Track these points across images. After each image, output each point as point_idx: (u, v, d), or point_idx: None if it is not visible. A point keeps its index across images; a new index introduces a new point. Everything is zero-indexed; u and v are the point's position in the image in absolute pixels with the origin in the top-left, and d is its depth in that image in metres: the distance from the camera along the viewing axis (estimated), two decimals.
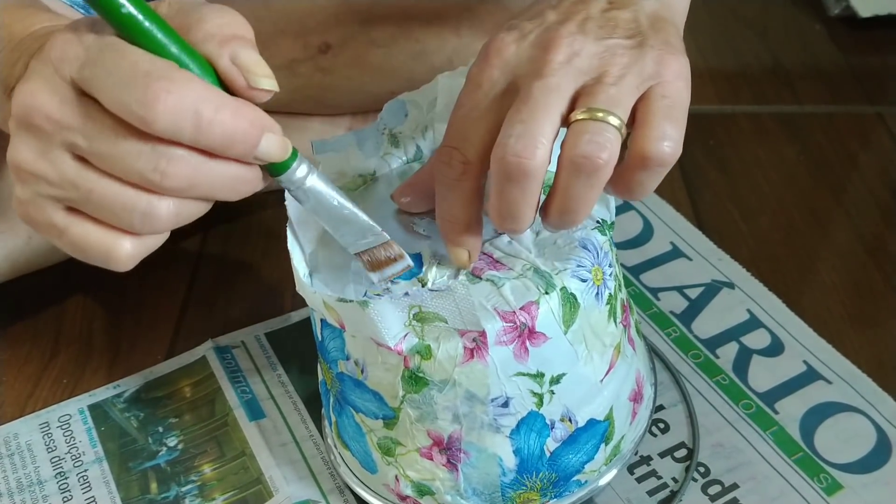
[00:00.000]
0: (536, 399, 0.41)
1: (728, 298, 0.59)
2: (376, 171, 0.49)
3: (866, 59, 0.87)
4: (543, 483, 0.44)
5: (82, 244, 0.35)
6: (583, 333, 0.41)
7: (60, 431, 0.53)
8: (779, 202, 0.69)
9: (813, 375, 0.54)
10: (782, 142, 0.76)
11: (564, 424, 0.43)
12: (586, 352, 0.42)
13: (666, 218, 0.66)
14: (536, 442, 0.42)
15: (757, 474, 0.49)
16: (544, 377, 0.41)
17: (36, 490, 0.50)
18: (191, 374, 0.56)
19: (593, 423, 0.44)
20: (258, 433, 0.52)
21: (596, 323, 0.42)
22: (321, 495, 0.49)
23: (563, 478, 0.44)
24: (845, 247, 0.66)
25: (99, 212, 0.34)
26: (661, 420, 0.52)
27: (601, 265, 0.42)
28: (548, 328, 0.40)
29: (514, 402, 0.41)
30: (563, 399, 0.42)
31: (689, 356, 0.56)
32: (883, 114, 0.79)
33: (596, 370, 0.43)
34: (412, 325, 0.40)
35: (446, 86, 0.48)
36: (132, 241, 0.35)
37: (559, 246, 0.42)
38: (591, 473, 0.45)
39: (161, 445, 0.52)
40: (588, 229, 0.43)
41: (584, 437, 0.44)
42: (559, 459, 0.43)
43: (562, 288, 0.40)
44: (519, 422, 0.42)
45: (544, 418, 0.42)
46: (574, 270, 0.41)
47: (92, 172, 0.34)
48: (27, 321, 0.60)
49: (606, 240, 0.43)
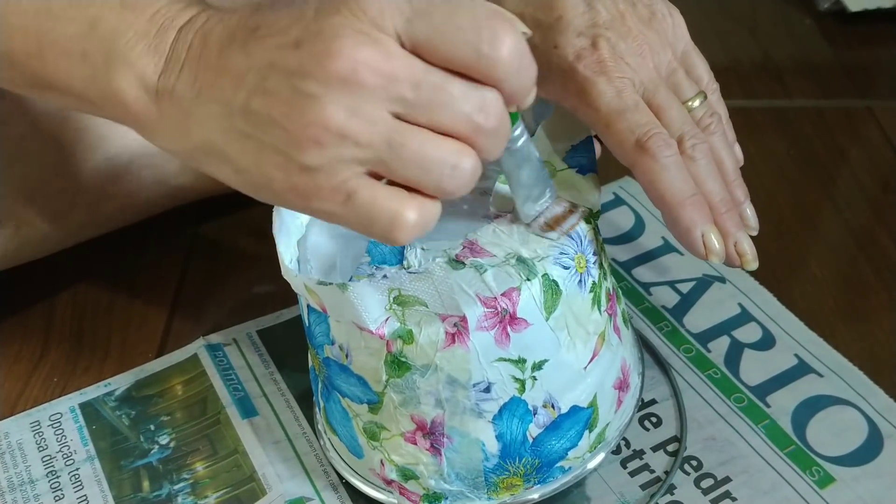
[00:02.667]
0: (518, 385, 0.42)
1: (719, 293, 0.60)
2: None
3: (856, 53, 0.87)
4: (526, 469, 0.44)
5: (368, 209, 0.34)
6: (565, 320, 0.42)
7: (52, 430, 0.53)
8: (769, 197, 0.69)
9: (804, 369, 0.55)
10: (772, 136, 0.76)
11: (547, 410, 0.43)
12: (569, 339, 0.42)
13: (657, 213, 0.66)
14: (519, 427, 0.43)
15: (749, 467, 0.49)
16: (526, 363, 0.41)
17: (27, 489, 0.49)
18: (182, 372, 0.55)
19: (576, 410, 0.44)
20: (251, 431, 0.52)
21: (579, 310, 0.42)
22: (314, 492, 0.49)
23: (547, 464, 0.44)
24: (836, 241, 0.66)
25: (407, 169, 0.34)
26: (653, 414, 0.52)
27: (584, 253, 0.42)
28: (529, 314, 0.40)
29: (496, 387, 0.41)
30: (545, 385, 0.42)
31: (681, 350, 0.56)
32: (873, 108, 0.79)
33: (579, 357, 0.43)
34: (393, 309, 0.41)
35: None
36: (417, 210, 0.35)
37: (542, 230, 0.42)
38: (576, 460, 0.45)
39: (153, 444, 0.52)
40: (576, 218, 0.43)
41: (568, 424, 0.44)
42: (542, 445, 0.44)
43: (544, 275, 0.41)
44: (501, 407, 0.42)
45: (527, 404, 0.42)
46: (556, 258, 0.41)
47: (408, 127, 0.34)
48: (17, 319, 0.60)
49: (591, 228, 0.43)
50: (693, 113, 0.45)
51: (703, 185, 0.44)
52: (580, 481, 0.49)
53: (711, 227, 0.43)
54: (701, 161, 0.44)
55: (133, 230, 0.62)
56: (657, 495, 0.48)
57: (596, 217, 0.44)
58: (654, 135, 0.42)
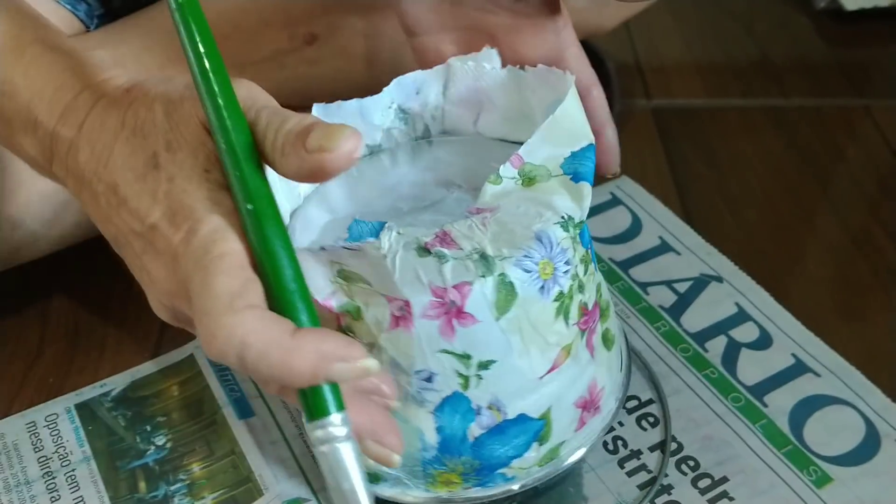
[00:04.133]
0: (462, 380, 0.41)
1: (716, 292, 0.60)
2: (382, 143, 0.49)
3: (853, 52, 0.87)
4: (466, 468, 0.44)
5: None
6: (519, 324, 0.41)
7: (47, 431, 0.52)
8: (766, 196, 0.69)
9: (801, 368, 0.54)
10: (770, 135, 0.76)
11: (492, 413, 0.42)
12: (522, 344, 0.41)
13: (654, 213, 0.66)
14: (460, 424, 0.42)
15: (746, 467, 0.49)
16: (471, 360, 0.41)
17: (23, 490, 0.49)
18: (178, 373, 0.55)
19: (525, 419, 0.43)
20: (247, 431, 0.51)
21: (537, 317, 0.41)
22: (311, 493, 0.49)
23: (487, 467, 0.44)
24: (833, 240, 0.66)
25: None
26: (650, 414, 0.52)
27: (553, 260, 0.41)
28: (478, 311, 0.40)
29: (439, 378, 0.41)
30: (491, 387, 0.42)
31: (678, 350, 0.56)
32: (870, 106, 0.79)
33: (533, 365, 0.42)
34: (338, 282, 0.41)
35: (458, 69, 0.48)
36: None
37: (515, 234, 0.41)
38: (520, 471, 0.44)
39: (149, 444, 0.52)
40: (550, 223, 0.42)
41: (514, 431, 0.43)
42: (483, 447, 0.43)
43: (500, 274, 0.40)
44: (443, 399, 0.42)
45: (470, 402, 0.42)
46: (519, 260, 0.40)
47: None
48: (11, 320, 0.59)
49: (568, 237, 0.42)
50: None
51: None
52: (577, 481, 0.49)
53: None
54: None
55: None
56: (650, 494, 0.48)
57: (577, 227, 0.43)
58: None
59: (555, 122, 0.42)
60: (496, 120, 0.50)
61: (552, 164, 0.43)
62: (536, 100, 0.48)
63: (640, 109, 0.79)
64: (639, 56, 0.87)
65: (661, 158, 0.73)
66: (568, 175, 0.43)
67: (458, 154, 0.50)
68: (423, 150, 0.50)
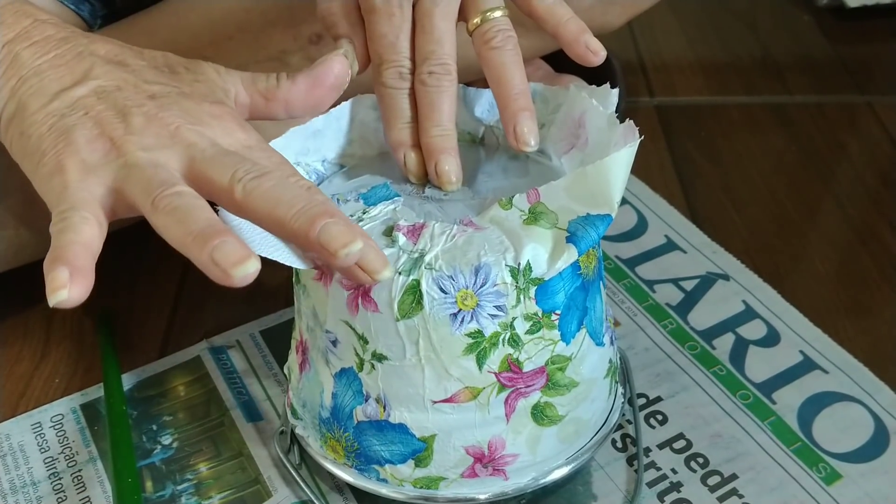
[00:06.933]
0: (358, 360, 0.42)
1: (723, 290, 0.60)
2: (484, 136, 0.50)
3: (855, 48, 0.87)
4: (347, 445, 0.45)
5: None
6: (418, 336, 0.40)
7: (53, 431, 0.52)
8: (771, 193, 0.69)
9: (809, 365, 0.54)
10: (773, 132, 0.76)
11: (378, 406, 0.43)
12: (417, 357, 0.41)
13: (660, 211, 0.66)
14: (350, 402, 0.43)
15: (756, 465, 0.49)
16: (368, 345, 0.42)
17: (30, 491, 0.49)
18: (185, 373, 0.55)
19: (405, 432, 0.43)
20: (256, 434, 0.51)
21: (441, 342, 0.40)
22: (320, 496, 0.48)
23: (365, 457, 0.44)
24: (837, 236, 0.66)
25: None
26: (659, 412, 0.52)
27: (480, 296, 0.40)
28: (381, 302, 0.40)
29: (341, 347, 0.43)
30: (382, 381, 0.42)
31: (686, 347, 0.56)
32: (872, 103, 0.79)
33: (427, 386, 0.41)
34: None
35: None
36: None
37: (465, 256, 0.40)
38: (395, 479, 0.44)
39: (155, 444, 0.51)
40: (500, 263, 0.40)
41: (392, 436, 0.43)
42: (364, 435, 0.44)
43: (415, 280, 0.39)
44: (342, 369, 0.43)
45: (361, 384, 0.43)
46: (440, 277, 0.39)
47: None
48: (17, 320, 0.59)
49: (511, 285, 0.40)
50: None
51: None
52: (586, 479, 0.49)
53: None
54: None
55: (133, 229, 0.61)
56: (640, 488, 0.48)
57: (531, 282, 0.40)
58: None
59: (584, 175, 0.40)
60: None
61: (563, 216, 0.41)
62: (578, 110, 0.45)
63: (644, 108, 0.80)
64: (642, 55, 0.87)
65: (666, 156, 0.73)
66: (567, 233, 0.41)
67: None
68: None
